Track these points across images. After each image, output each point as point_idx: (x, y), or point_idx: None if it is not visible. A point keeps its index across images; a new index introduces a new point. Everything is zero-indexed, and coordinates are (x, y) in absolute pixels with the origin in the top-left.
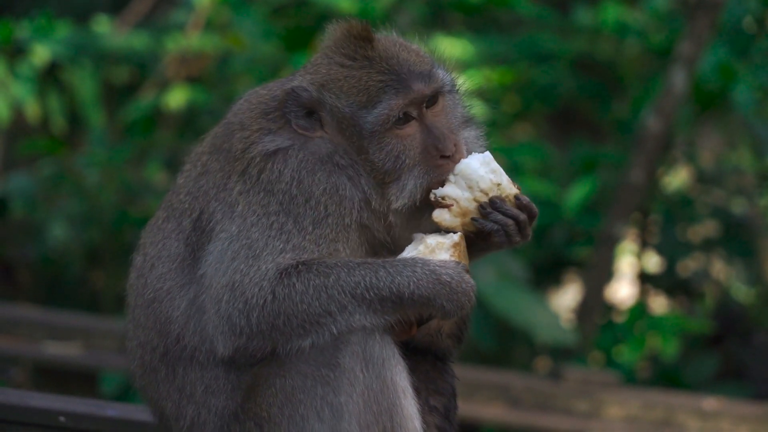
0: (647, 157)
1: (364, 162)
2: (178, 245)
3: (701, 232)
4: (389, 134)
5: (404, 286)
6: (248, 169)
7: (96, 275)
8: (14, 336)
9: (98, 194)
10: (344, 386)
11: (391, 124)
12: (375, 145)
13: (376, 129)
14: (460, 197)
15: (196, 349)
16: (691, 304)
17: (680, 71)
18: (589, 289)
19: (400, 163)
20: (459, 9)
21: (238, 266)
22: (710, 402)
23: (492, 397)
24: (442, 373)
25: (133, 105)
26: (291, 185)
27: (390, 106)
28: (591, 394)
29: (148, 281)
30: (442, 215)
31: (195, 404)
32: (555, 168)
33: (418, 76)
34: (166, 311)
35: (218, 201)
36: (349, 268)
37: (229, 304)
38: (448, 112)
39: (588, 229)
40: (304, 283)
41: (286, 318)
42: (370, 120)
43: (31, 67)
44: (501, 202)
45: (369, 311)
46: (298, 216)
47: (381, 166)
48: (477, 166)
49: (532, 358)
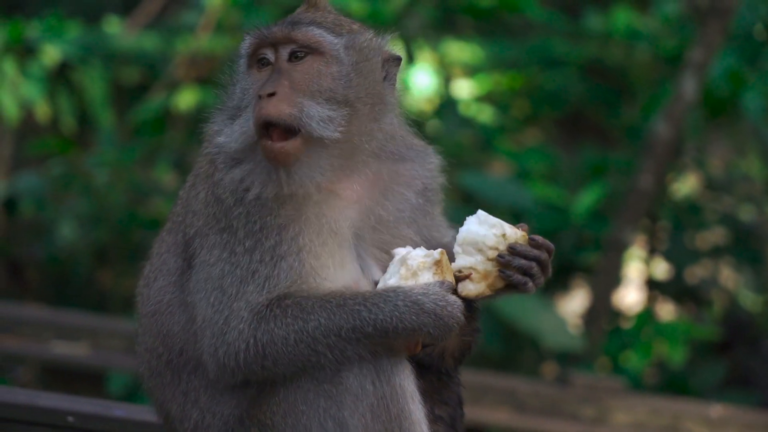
0: (656, 163)
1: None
2: (176, 259)
3: (710, 239)
4: (248, 74)
5: (387, 323)
6: (210, 174)
7: (104, 275)
8: (22, 335)
9: (107, 194)
10: (347, 401)
11: (246, 62)
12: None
13: (241, 67)
14: (475, 263)
15: (200, 363)
16: (698, 311)
17: (691, 78)
18: (596, 295)
19: (240, 100)
20: (469, 13)
21: (210, 299)
22: (717, 409)
23: (499, 402)
24: (447, 383)
25: (143, 106)
26: (227, 191)
27: (245, 43)
28: (598, 400)
29: (151, 292)
30: (466, 287)
31: (199, 409)
32: (564, 173)
33: (286, 22)
34: (167, 324)
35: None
36: (329, 312)
37: (212, 342)
38: (316, 76)
39: (596, 235)
40: (284, 329)
41: (274, 360)
42: (239, 58)
43: (41, 67)
44: (519, 247)
45: (358, 346)
46: (238, 230)
47: (231, 104)
48: (476, 228)
49: (538, 363)
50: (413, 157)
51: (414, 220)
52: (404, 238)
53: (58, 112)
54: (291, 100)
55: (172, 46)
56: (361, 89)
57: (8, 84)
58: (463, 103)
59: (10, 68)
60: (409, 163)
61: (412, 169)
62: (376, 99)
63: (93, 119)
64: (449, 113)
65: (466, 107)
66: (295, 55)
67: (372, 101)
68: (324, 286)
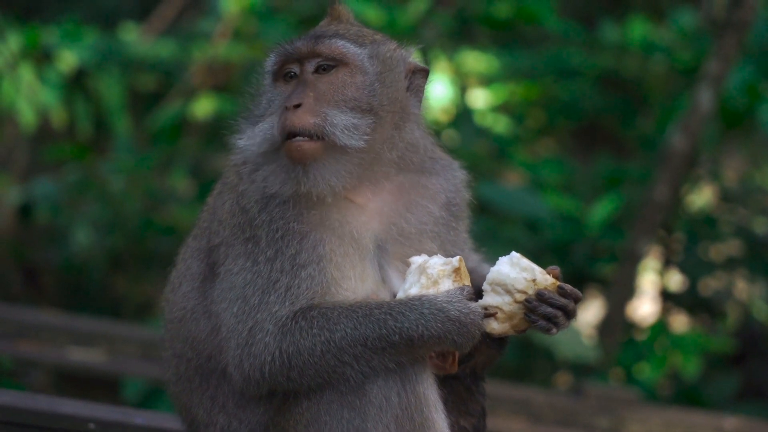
0: (672, 175)
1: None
2: (199, 264)
3: (724, 251)
4: (274, 87)
5: (413, 330)
6: (236, 183)
7: (118, 282)
8: (37, 341)
9: (123, 201)
10: (371, 412)
11: (272, 77)
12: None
13: (267, 81)
14: (502, 304)
15: (227, 369)
16: (712, 323)
17: (707, 90)
18: (611, 306)
19: (264, 110)
20: (486, 23)
21: (233, 309)
22: (731, 421)
23: (514, 412)
24: (473, 393)
25: (160, 113)
26: (251, 201)
27: (271, 60)
28: (612, 411)
29: (176, 298)
30: (491, 325)
31: (227, 414)
32: (579, 184)
33: (309, 36)
34: (193, 331)
35: (222, 225)
36: (355, 322)
37: (239, 354)
38: (341, 87)
39: (611, 246)
40: (310, 340)
41: (300, 371)
42: (264, 73)
43: (57, 73)
44: (548, 294)
45: (384, 356)
46: (261, 240)
47: (256, 114)
48: (507, 270)
49: (552, 373)
50: (438, 170)
51: (437, 234)
52: (427, 252)
53: (75, 118)
54: (316, 110)
55: (188, 53)
56: (384, 98)
57: (25, 89)
58: (479, 113)
59: (27, 74)
60: (433, 176)
61: (436, 182)
62: (399, 108)
63: (109, 126)
64: (465, 123)
65: (482, 117)
66: (321, 68)
67: (395, 110)
68: (346, 297)
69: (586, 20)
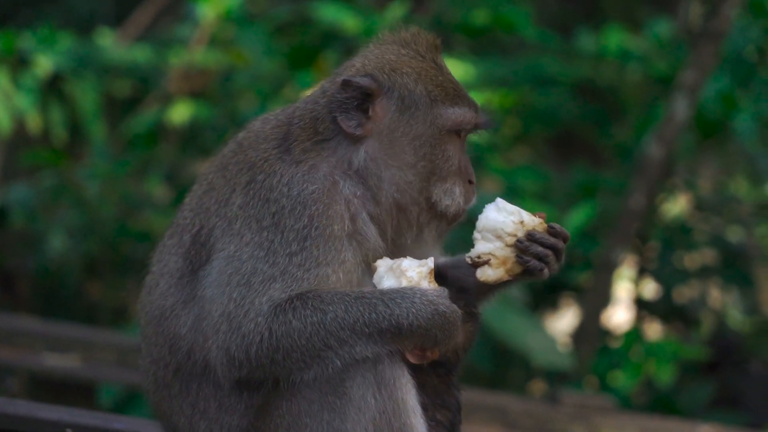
0: (647, 184)
1: (400, 153)
2: (177, 260)
3: (698, 260)
4: (446, 137)
5: (403, 318)
6: (254, 178)
7: (94, 287)
8: (12, 346)
9: (98, 206)
10: (351, 413)
11: (453, 129)
12: (432, 139)
13: (444, 125)
14: (493, 249)
15: (207, 365)
16: (687, 331)
17: (682, 99)
18: (585, 314)
19: (450, 165)
20: (463, 31)
21: (232, 294)
22: (706, 429)
23: (489, 419)
24: (448, 387)
25: (136, 118)
26: (284, 196)
27: (464, 114)
28: (587, 419)
29: (153, 298)
30: (485, 273)
31: (208, 420)
32: (554, 192)
33: (478, 107)
34: (173, 328)
35: (219, 216)
36: (346, 305)
37: (227, 335)
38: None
39: (586, 254)
40: (301, 321)
41: (286, 353)
42: (443, 114)
43: (33, 78)
44: (538, 234)
45: (369, 342)
46: (286, 231)
47: (431, 161)
48: (495, 215)
49: (527, 381)
50: None
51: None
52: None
53: (50, 123)
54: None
55: (164, 59)
56: None
57: (0, 95)
58: None
59: (3, 79)
60: None
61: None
62: None
63: (85, 131)
64: None
65: None
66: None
67: None
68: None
69: (562, 29)
